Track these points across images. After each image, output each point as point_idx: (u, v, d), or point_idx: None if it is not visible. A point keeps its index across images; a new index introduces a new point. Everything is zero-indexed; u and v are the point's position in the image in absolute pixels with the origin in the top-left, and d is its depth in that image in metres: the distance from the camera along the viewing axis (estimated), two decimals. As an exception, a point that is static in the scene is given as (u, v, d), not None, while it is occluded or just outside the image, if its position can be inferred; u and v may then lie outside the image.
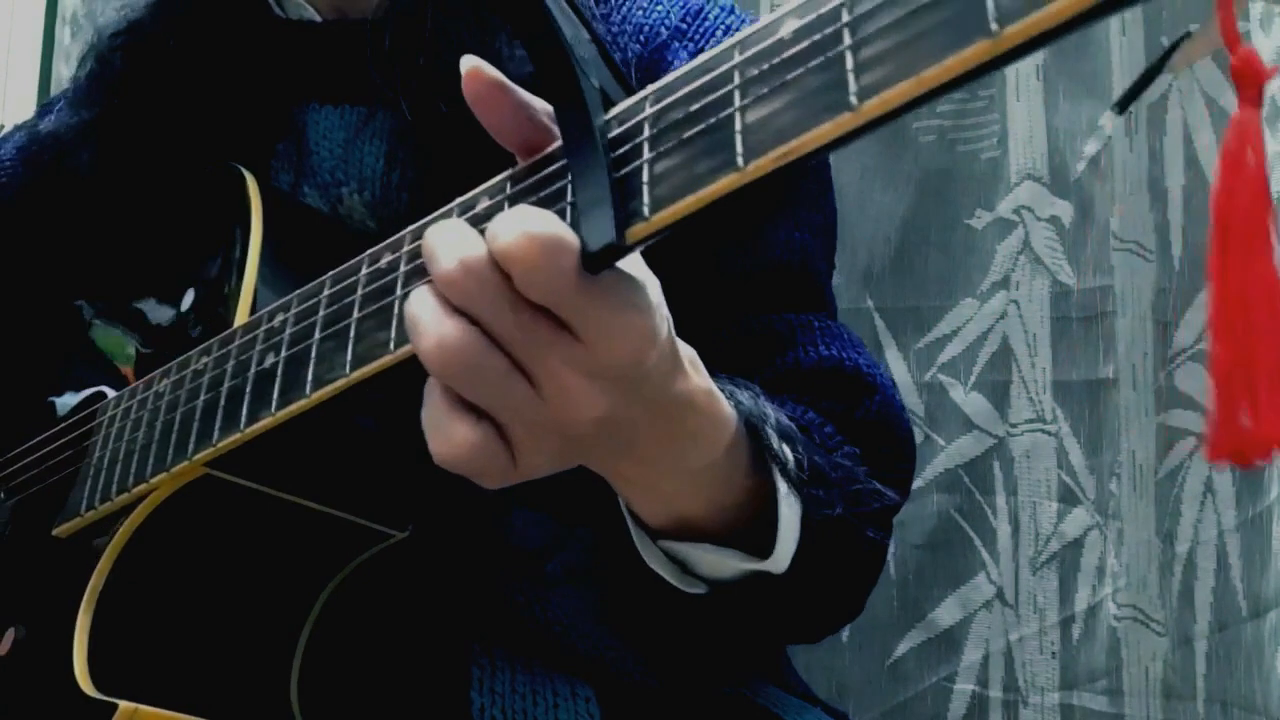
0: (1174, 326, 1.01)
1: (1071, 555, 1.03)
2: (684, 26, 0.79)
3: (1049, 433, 1.05)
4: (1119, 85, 1.04)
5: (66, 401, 0.84)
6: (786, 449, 0.63)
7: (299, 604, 0.72)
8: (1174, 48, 0.40)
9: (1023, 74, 1.07)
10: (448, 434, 0.50)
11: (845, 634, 1.10)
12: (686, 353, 0.55)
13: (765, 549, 0.62)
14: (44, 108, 1.00)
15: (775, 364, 0.77)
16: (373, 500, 0.72)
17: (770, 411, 0.63)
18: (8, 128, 1.02)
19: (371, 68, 0.76)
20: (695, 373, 0.56)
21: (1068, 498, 1.04)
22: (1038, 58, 1.06)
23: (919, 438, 1.09)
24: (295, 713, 0.71)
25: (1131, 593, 1.01)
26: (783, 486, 0.62)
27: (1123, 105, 0.44)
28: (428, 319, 0.48)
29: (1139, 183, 1.03)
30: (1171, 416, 1.01)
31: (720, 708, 0.78)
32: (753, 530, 0.62)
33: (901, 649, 1.08)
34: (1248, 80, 0.39)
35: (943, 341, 1.09)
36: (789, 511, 0.62)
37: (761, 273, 0.79)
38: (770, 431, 0.62)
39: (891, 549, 1.09)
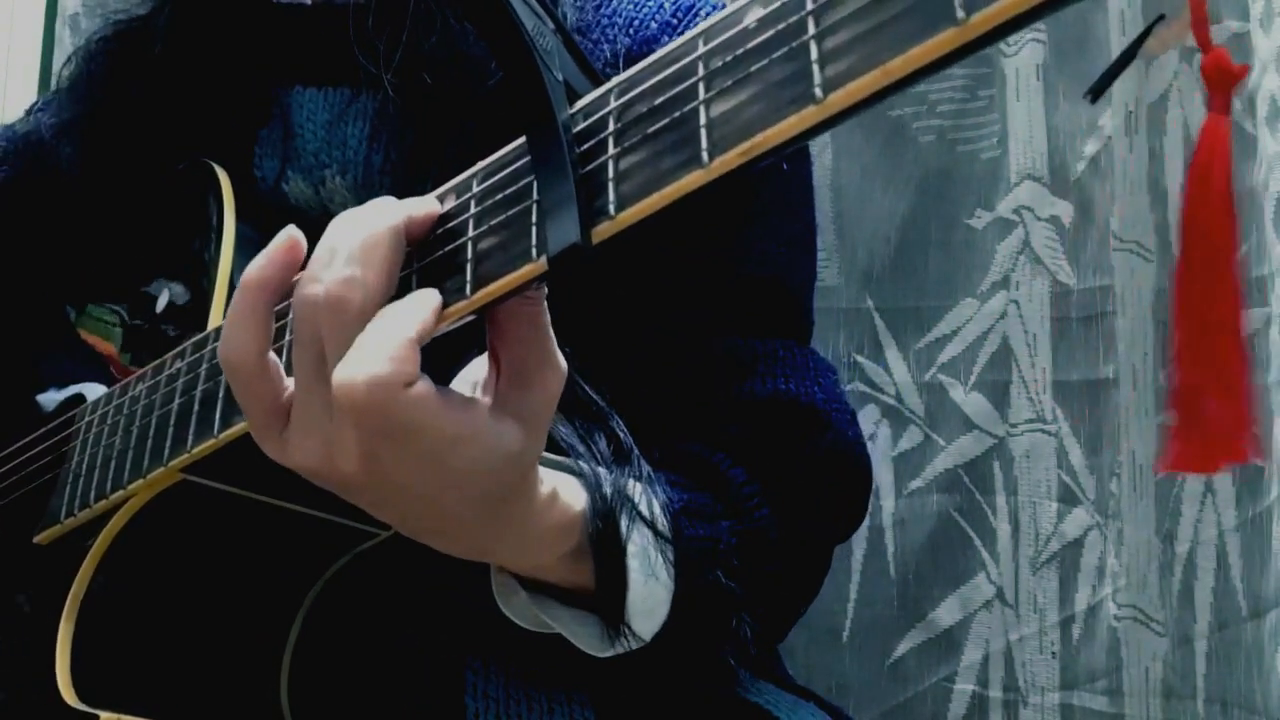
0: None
1: (1071, 555, 1.03)
2: (674, 21, 0.78)
3: (1049, 433, 1.04)
4: (1119, 85, 1.03)
5: (53, 397, 0.83)
6: (647, 559, 0.62)
7: (285, 608, 0.71)
8: (1146, 34, 0.40)
9: (1023, 74, 1.06)
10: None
11: (845, 634, 1.10)
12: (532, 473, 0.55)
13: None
14: (28, 112, 1.00)
15: (731, 392, 0.75)
16: None
17: (638, 513, 0.62)
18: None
19: (356, 49, 0.76)
20: (530, 488, 0.55)
21: (1068, 498, 1.04)
22: (1038, 57, 1.05)
23: (919, 438, 1.09)
24: (287, 718, 0.70)
25: (1131, 593, 1.00)
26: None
27: (1096, 92, 0.43)
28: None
29: (1139, 183, 1.03)
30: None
31: (714, 709, 0.77)
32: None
33: (901, 649, 1.08)
34: (1217, 83, 0.37)
35: (943, 341, 1.09)
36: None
37: (733, 289, 0.77)
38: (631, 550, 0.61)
39: (891, 549, 1.10)
